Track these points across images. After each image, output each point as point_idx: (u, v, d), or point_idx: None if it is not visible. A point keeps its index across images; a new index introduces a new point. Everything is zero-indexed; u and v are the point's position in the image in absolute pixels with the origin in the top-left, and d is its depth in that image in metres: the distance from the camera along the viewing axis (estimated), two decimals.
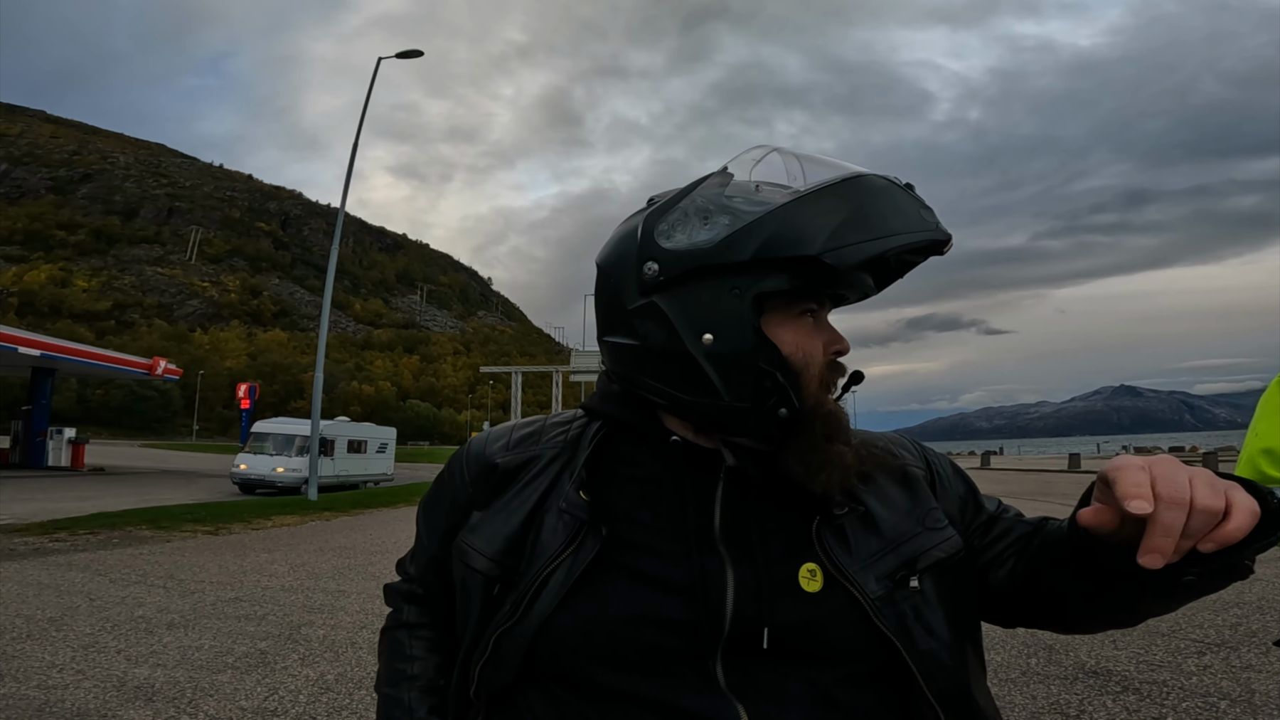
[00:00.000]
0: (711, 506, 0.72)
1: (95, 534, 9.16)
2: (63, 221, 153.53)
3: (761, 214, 0.68)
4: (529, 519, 0.75)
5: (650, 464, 0.76)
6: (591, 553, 0.70)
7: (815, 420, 0.70)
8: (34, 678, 3.77)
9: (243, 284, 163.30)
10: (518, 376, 48.11)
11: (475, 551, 0.76)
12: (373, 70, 16.87)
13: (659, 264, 0.70)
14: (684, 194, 0.74)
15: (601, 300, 0.78)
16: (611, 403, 0.79)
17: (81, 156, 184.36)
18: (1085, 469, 29.71)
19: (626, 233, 0.76)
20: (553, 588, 0.69)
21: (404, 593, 0.89)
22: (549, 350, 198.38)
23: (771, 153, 0.75)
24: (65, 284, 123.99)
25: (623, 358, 0.76)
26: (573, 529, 0.71)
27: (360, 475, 22.37)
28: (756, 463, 0.73)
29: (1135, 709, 3.42)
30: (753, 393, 0.69)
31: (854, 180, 0.68)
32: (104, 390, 71.82)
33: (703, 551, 0.70)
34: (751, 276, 0.68)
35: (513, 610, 0.70)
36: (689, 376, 0.70)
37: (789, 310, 0.72)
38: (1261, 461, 1.36)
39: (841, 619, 0.69)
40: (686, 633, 0.67)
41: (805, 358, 0.71)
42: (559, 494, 0.75)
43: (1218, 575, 0.59)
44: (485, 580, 0.74)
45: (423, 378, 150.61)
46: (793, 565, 0.70)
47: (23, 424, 24.16)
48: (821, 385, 0.72)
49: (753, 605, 0.67)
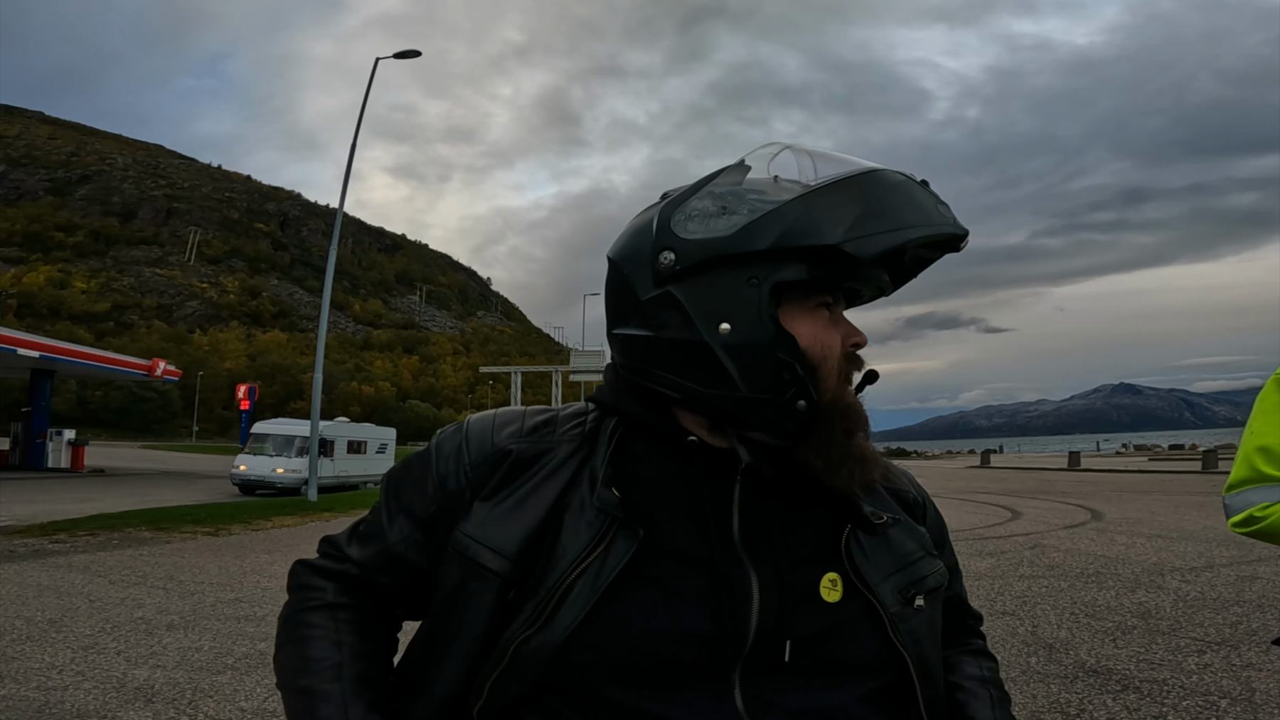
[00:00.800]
0: (729, 510, 0.70)
1: (95, 535, 9.15)
2: (61, 223, 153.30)
3: (781, 204, 0.67)
4: (548, 516, 0.69)
5: (661, 463, 0.73)
6: (625, 556, 0.66)
7: (835, 413, 0.69)
8: (34, 679, 3.77)
9: (242, 285, 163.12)
10: (517, 376, 48.10)
11: (489, 550, 0.69)
12: (370, 71, 16.86)
13: (675, 254, 0.69)
14: (700, 185, 0.73)
15: (613, 293, 0.76)
16: (623, 397, 0.76)
17: (79, 158, 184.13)
18: (1085, 467, 29.72)
19: (641, 225, 0.74)
20: (580, 593, 0.65)
21: (331, 571, 0.79)
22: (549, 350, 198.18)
23: (785, 149, 0.75)
24: (64, 285, 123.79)
25: (635, 350, 0.73)
26: (598, 529, 0.67)
27: (360, 476, 22.34)
28: (772, 461, 0.71)
29: (1135, 708, 3.42)
30: (770, 384, 0.67)
31: (872, 174, 0.68)
32: (103, 392, 71.73)
33: (725, 559, 0.67)
34: (770, 266, 0.67)
35: (535, 617, 0.65)
36: (705, 367, 0.68)
37: (805, 303, 0.70)
38: (1257, 459, 1.36)
39: (860, 631, 0.68)
40: (708, 646, 0.64)
41: (823, 350, 0.70)
42: (578, 491, 0.70)
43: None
44: (501, 583, 0.68)
45: (422, 378, 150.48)
46: (815, 573, 0.69)
47: (22, 426, 24.13)
48: (840, 378, 0.71)
49: (775, 616, 0.66)
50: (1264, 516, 1.33)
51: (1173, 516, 11.17)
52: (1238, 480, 1.39)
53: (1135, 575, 6.62)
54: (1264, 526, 1.33)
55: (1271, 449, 1.35)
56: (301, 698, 0.72)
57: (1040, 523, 10.96)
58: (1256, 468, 1.36)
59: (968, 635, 0.90)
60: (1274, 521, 1.32)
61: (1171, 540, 8.71)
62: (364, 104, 16.66)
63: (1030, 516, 11.90)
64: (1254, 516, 1.35)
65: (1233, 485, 1.40)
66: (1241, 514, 1.37)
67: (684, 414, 0.74)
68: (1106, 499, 14.72)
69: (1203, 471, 22.91)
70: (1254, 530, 1.35)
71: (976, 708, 0.78)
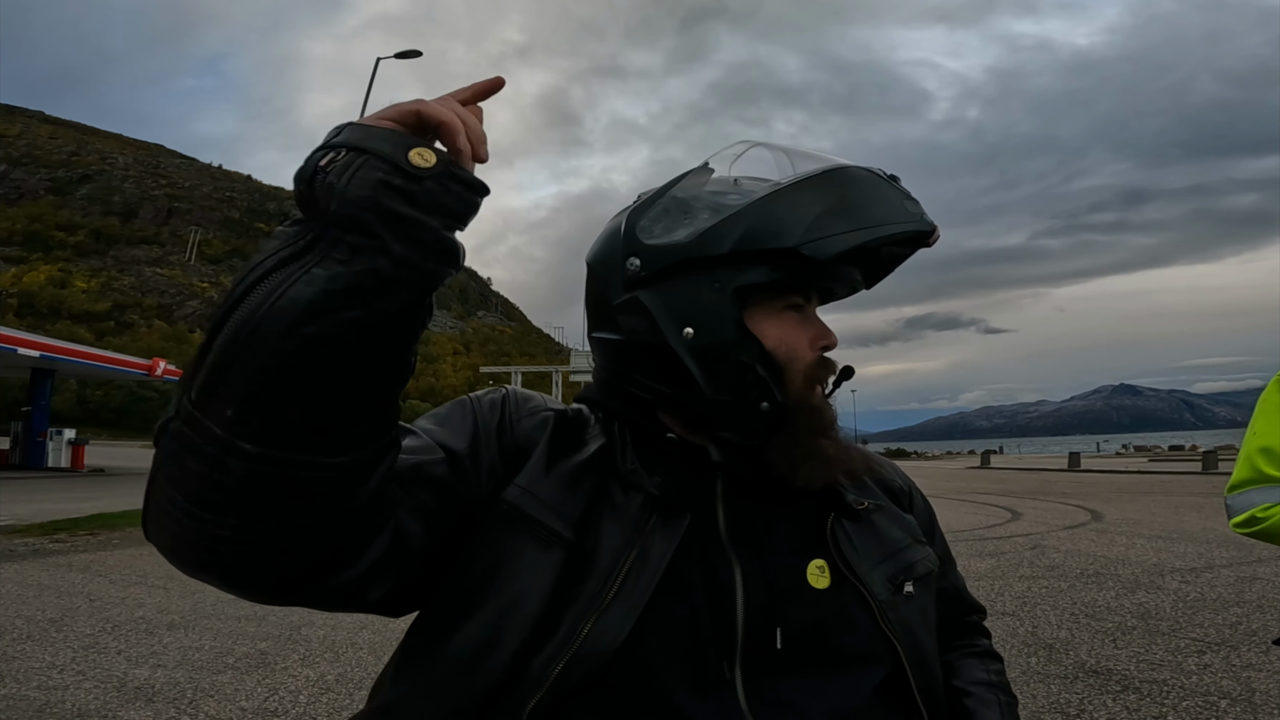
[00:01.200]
0: (714, 504, 0.70)
1: (95, 535, 9.15)
2: (61, 222, 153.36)
3: (740, 207, 0.67)
4: (595, 493, 0.66)
5: (647, 459, 0.72)
6: (678, 536, 0.64)
7: (799, 414, 0.70)
8: (34, 679, 3.77)
9: None
10: (518, 376, 48.09)
11: (555, 512, 0.64)
12: (371, 70, 16.88)
13: (641, 259, 0.70)
14: (665, 190, 0.74)
15: (590, 297, 0.78)
16: (608, 396, 0.77)
17: (80, 157, 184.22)
18: (1085, 468, 29.71)
19: (612, 230, 0.75)
20: (646, 573, 0.62)
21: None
22: (549, 350, 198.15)
23: (755, 147, 0.75)
24: (64, 285, 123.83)
25: (609, 353, 0.76)
26: (641, 513, 0.65)
27: None
28: (744, 459, 0.71)
29: (1135, 708, 3.42)
30: (734, 386, 0.68)
31: (835, 172, 0.68)
32: (104, 391, 71.75)
33: (710, 550, 0.67)
34: (731, 270, 0.67)
35: (598, 598, 0.60)
36: (672, 370, 0.69)
37: (773, 304, 0.71)
38: (1259, 460, 1.37)
39: (850, 618, 0.68)
40: (705, 636, 0.63)
41: (789, 351, 0.70)
42: (614, 476, 0.68)
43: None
44: (565, 553, 0.62)
45: (422, 378, 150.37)
46: (801, 561, 0.69)
47: (22, 425, 24.13)
48: (807, 380, 0.71)
49: (764, 604, 0.65)
50: (1266, 517, 1.34)
51: (1173, 517, 11.16)
52: (1240, 481, 1.40)
53: (1135, 576, 6.62)
54: (1266, 527, 1.34)
55: (1273, 449, 1.35)
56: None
57: (1040, 523, 10.95)
58: (1258, 468, 1.36)
59: (972, 634, 0.90)
60: (1275, 522, 1.32)
61: (1171, 541, 8.71)
62: (365, 104, 16.67)
63: (1030, 517, 11.90)
64: (1256, 517, 1.36)
65: (1235, 486, 1.41)
66: (1243, 514, 1.38)
67: (661, 413, 0.75)
68: (1106, 500, 14.71)
69: (1203, 472, 22.90)
70: (1256, 531, 1.36)
71: (986, 716, 0.77)
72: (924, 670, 0.70)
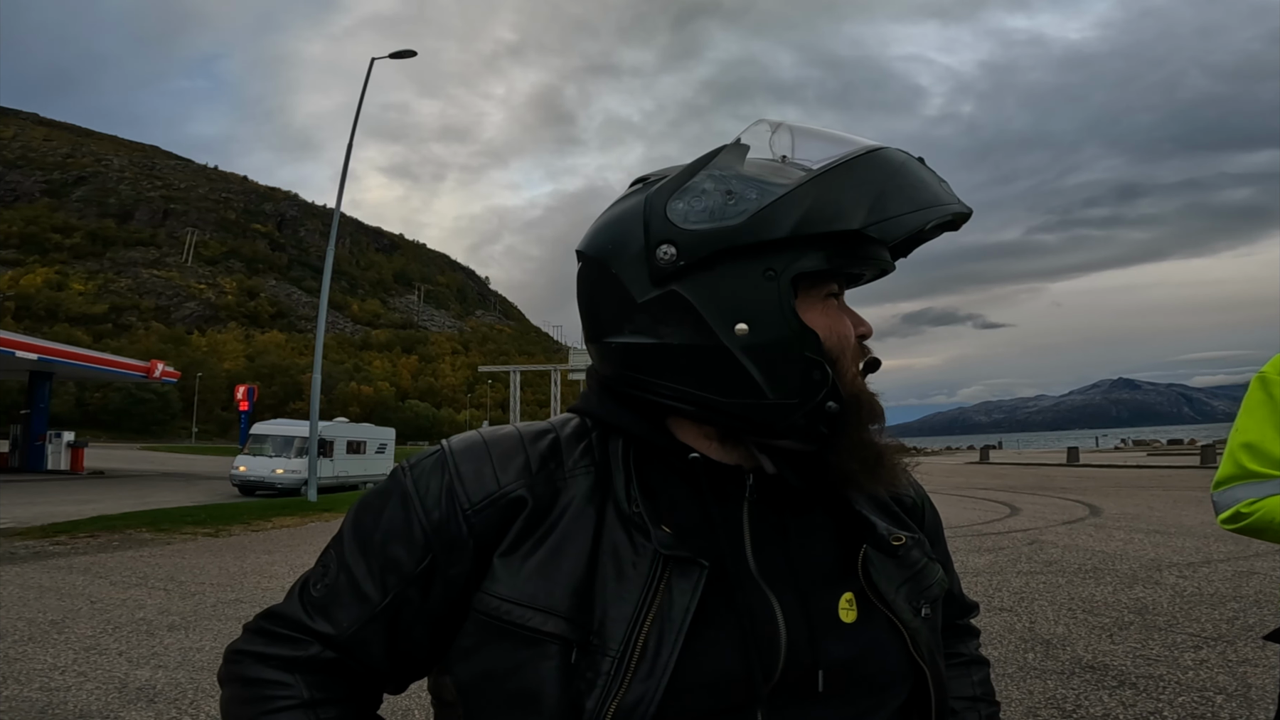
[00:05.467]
0: (740, 533, 0.64)
1: (95, 537, 9.16)
2: (58, 225, 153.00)
3: (795, 186, 0.60)
4: (590, 564, 0.60)
5: (662, 482, 0.65)
6: (700, 585, 0.58)
7: (859, 409, 0.64)
8: (36, 680, 3.78)
9: (240, 286, 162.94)
10: (516, 375, 48.08)
11: (538, 612, 0.58)
12: (365, 70, 16.81)
13: (677, 247, 0.61)
14: (696, 169, 0.64)
15: (597, 296, 0.67)
16: (613, 409, 0.68)
17: (75, 159, 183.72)
18: (1083, 462, 29.78)
19: (626, 215, 0.66)
20: (670, 634, 0.57)
21: (293, 660, 0.63)
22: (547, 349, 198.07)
23: (780, 127, 0.68)
24: (61, 287, 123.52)
25: (634, 360, 0.64)
26: (650, 568, 0.59)
27: (360, 476, 22.34)
28: (797, 468, 0.65)
29: (1131, 703, 3.44)
30: (800, 387, 0.61)
31: (879, 153, 0.63)
32: (102, 393, 71.64)
33: (743, 586, 0.61)
34: (788, 255, 0.60)
35: (618, 675, 0.56)
36: (723, 374, 0.61)
37: (816, 293, 0.65)
38: (1242, 455, 1.39)
39: (881, 649, 0.65)
40: (736, 682, 0.58)
41: (840, 342, 0.64)
42: (611, 530, 0.62)
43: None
44: (562, 647, 0.57)
45: (421, 378, 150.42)
46: (833, 595, 0.64)
47: (21, 428, 24.11)
48: (859, 373, 0.66)
49: (805, 644, 0.61)
50: (1250, 512, 1.36)
51: (1170, 512, 11.19)
52: (1225, 477, 1.42)
53: (1133, 571, 6.65)
54: (1251, 522, 1.36)
55: (1256, 445, 1.37)
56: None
57: (1038, 518, 10.98)
58: (1241, 464, 1.38)
59: (963, 638, 0.87)
60: (1260, 517, 1.34)
61: (1169, 536, 8.74)
62: (360, 104, 16.65)
63: (1029, 512, 11.93)
64: (1240, 512, 1.37)
65: (1220, 482, 1.43)
66: (1229, 510, 1.40)
67: (682, 426, 0.67)
68: (1105, 494, 14.75)
69: (1201, 466, 22.95)
70: (1241, 526, 1.38)
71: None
72: (942, 687, 0.68)
